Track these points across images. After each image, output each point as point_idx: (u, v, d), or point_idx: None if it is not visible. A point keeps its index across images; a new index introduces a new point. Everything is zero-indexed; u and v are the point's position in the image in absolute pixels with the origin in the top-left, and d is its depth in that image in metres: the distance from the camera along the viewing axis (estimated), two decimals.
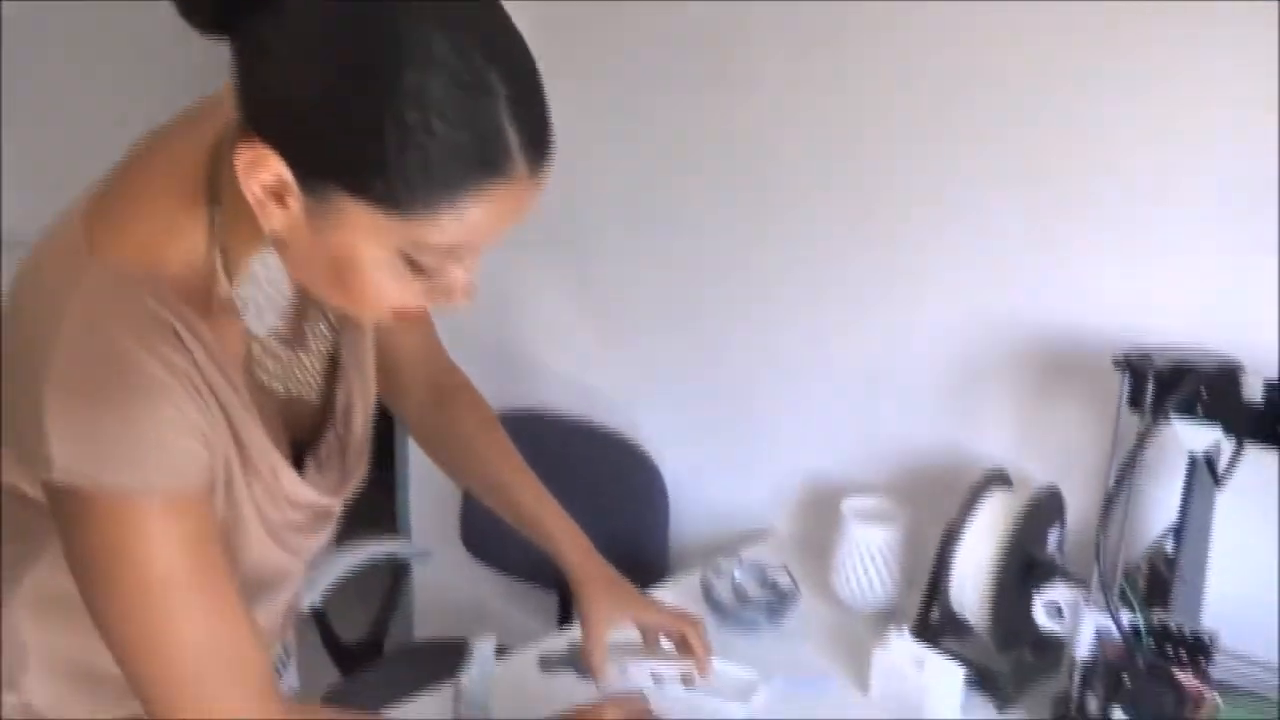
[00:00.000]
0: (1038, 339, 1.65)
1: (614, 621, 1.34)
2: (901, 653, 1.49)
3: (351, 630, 2.27)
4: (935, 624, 1.59)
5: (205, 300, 0.94)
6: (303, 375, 1.08)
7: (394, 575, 2.36)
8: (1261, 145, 1.38)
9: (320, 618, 2.19)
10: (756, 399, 2.05)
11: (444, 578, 2.65)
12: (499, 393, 2.47)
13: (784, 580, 1.74)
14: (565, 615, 2.24)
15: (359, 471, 1.15)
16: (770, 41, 1.89)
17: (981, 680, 1.53)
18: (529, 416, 2.36)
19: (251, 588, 1.10)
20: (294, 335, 1.07)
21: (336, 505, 1.13)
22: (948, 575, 1.53)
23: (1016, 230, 1.64)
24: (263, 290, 0.97)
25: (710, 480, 2.16)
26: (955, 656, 1.53)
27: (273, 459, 1.00)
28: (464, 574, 2.56)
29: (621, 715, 1.18)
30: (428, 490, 2.72)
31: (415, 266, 0.88)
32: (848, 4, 1.77)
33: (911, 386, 1.83)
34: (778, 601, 1.71)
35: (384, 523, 2.82)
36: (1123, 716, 1.31)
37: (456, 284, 0.92)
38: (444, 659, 1.56)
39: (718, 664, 1.57)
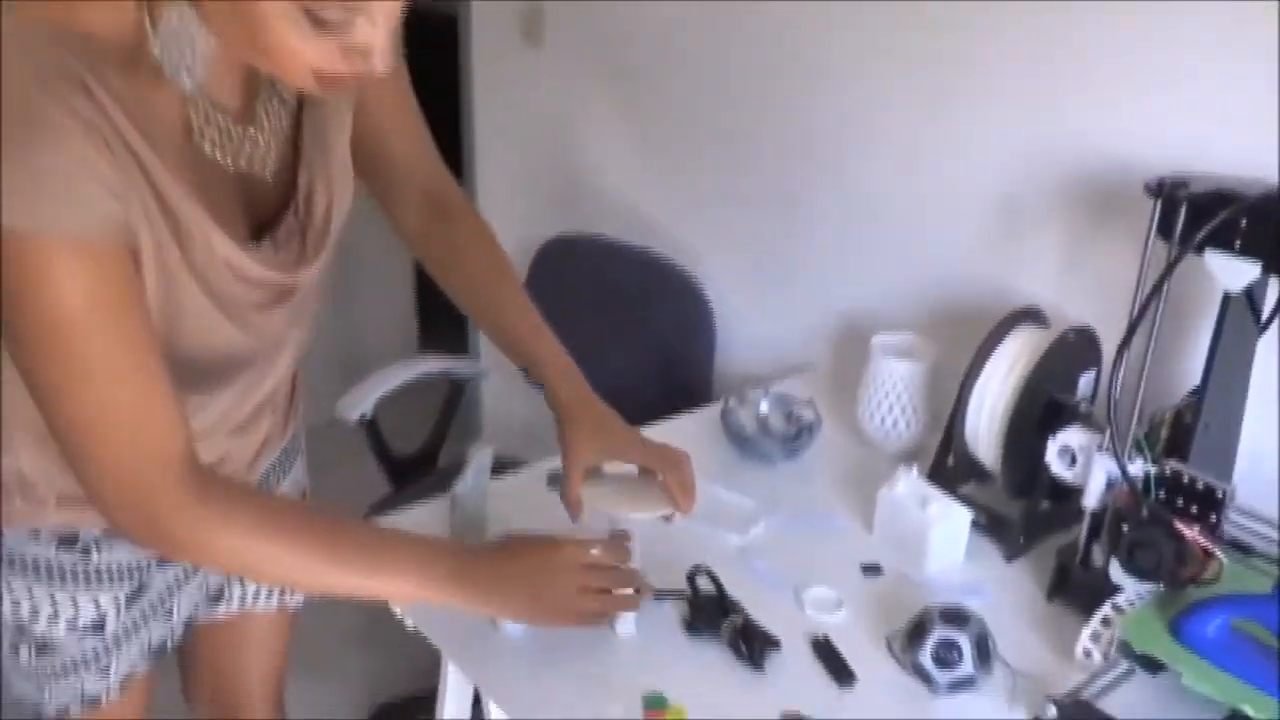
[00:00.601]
0: (1082, 174, 1.52)
1: (596, 456, 1.29)
2: (906, 491, 1.42)
3: (411, 446, 2.32)
4: (951, 467, 1.51)
5: (134, 62, 0.93)
6: (254, 151, 1.06)
7: (451, 392, 2.38)
8: None
9: (372, 428, 2.23)
10: (802, 236, 1.97)
11: (513, 400, 2.68)
12: (559, 218, 2.44)
13: (808, 415, 1.68)
14: None
15: (320, 255, 1.14)
16: None
17: (991, 528, 1.45)
18: (587, 241, 2.32)
19: (206, 368, 1.10)
20: (245, 110, 1.05)
21: (293, 283, 1.12)
22: (964, 414, 1.45)
23: (1062, 56, 1.51)
24: (180, 42, 0.94)
25: (756, 314, 2.09)
26: (967, 501, 1.46)
27: (206, 227, 0.99)
28: (533, 397, 2.57)
29: (585, 552, 1.18)
30: None
31: (318, 21, 0.87)
32: None
33: (953, 224, 1.72)
34: (798, 435, 1.65)
35: (455, 344, 2.86)
36: (1118, 566, 1.23)
37: (371, 45, 0.90)
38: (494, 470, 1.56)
39: (723, 493, 1.54)
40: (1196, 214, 1.17)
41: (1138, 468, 1.25)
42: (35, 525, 1.18)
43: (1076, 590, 1.32)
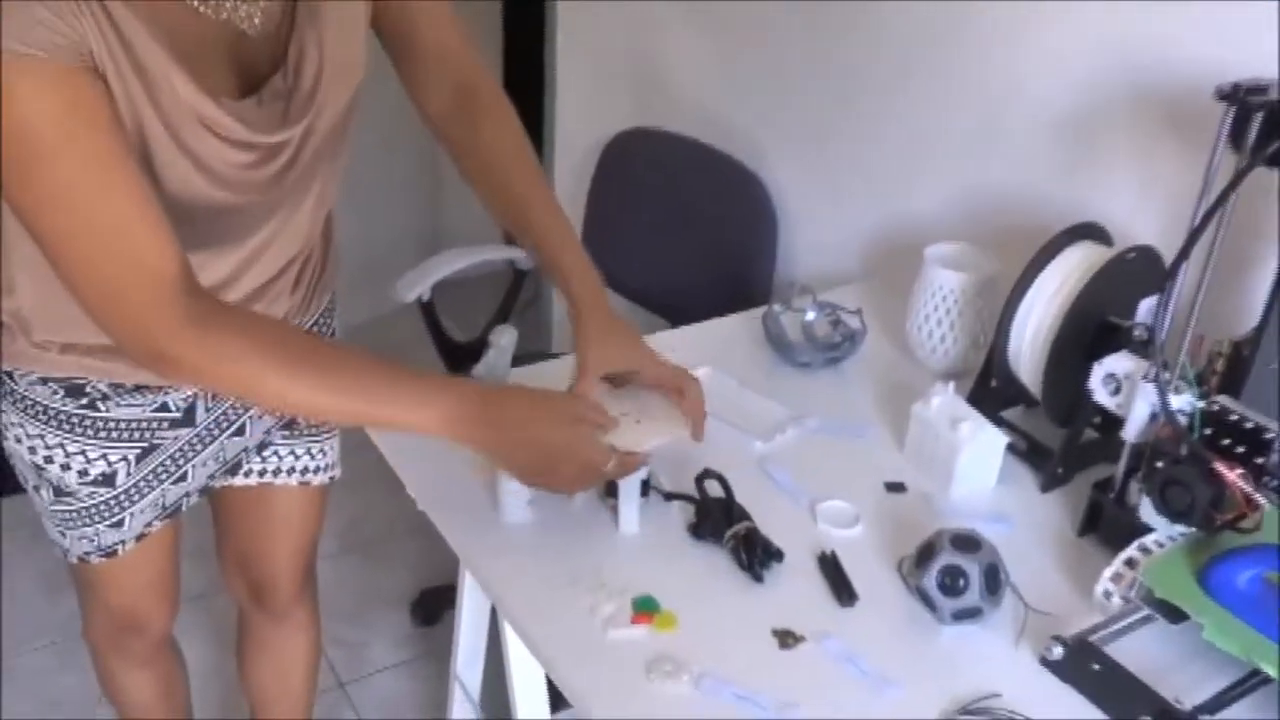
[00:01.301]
0: (1155, 84, 1.40)
1: (608, 366, 1.25)
2: (940, 409, 1.35)
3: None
4: (993, 388, 1.43)
5: None
6: (239, 4, 1.02)
7: (514, 281, 2.36)
8: None
9: (429, 311, 2.23)
10: (868, 143, 1.88)
11: None
12: (632, 114, 2.37)
13: (854, 324, 1.61)
14: None
15: (303, 119, 1.11)
16: None
17: (1030, 456, 1.38)
18: (656, 135, 2.25)
19: (196, 223, 1.08)
20: None
21: (273, 144, 1.10)
22: (1008, 332, 1.36)
23: None
24: None
25: (818, 220, 2.01)
26: (1007, 427, 1.39)
27: (170, 71, 0.98)
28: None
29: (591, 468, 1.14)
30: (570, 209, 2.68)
31: None
32: None
33: (1020, 135, 1.62)
34: (840, 344, 1.58)
35: None
36: (1149, 505, 1.15)
37: None
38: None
39: (752, 396, 1.49)
40: (1273, 124, 1.06)
41: (1184, 401, 1.16)
42: (42, 373, 1.19)
43: (1108, 528, 1.25)
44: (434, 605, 2.33)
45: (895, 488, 1.34)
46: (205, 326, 1.00)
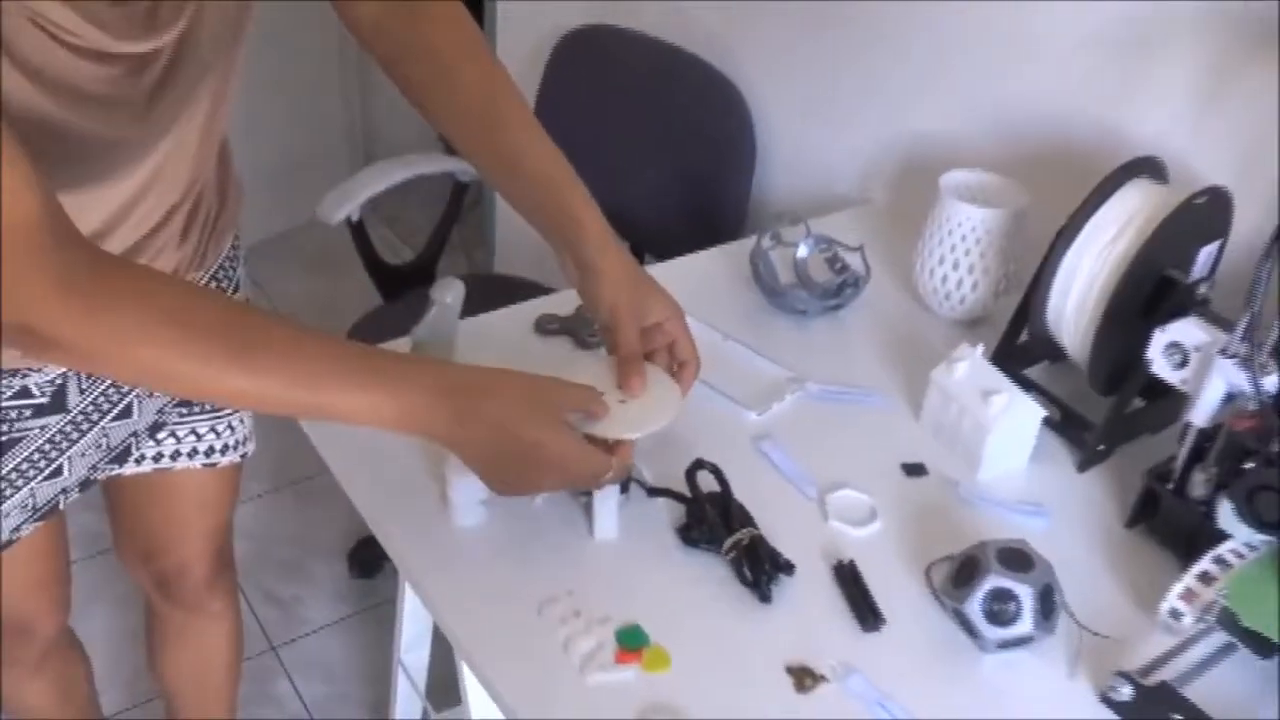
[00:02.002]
0: None
1: (647, 318, 1.03)
2: (967, 377, 1.16)
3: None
4: (1022, 345, 1.24)
5: None
6: None
7: (454, 195, 2.11)
8: None
9: (360, 233, 1.98)
10: (871, 45, 1.62)
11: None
12: (586, 6, 2.09)
13: (856, 263, 1.40)
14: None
15: (178, 21, 0.86)
16: None
17: (1065, 427, 1.19)
18: (615, 33, 1.98)
19: (41, 162, 0.82)
20: None
21: (136, 53, 0.85)
22: (1049, 284, 1.16)
23: None
24: None
25: (804, 135, 1.77)
26: (1038, 392, 1.20)
27: None
28: None
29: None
30: None
31: None
32: None
33: (1059, 48, 1.39)
34: (840, 290, 1.37)
35: None
36: (1231, 511, 0.97)
37: None
38: (499, 293, 1.38)
39: (743, 353, 1.29)
40: None
41: (1272, 383, 0.97)
42: None
43: (1165, 522, 1.07)
44: (373, 556, 2.12)
45: (914, 470, 1.15)
46: (87, 292, 0.76)
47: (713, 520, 1.03)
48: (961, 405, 1.14)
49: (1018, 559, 0.94)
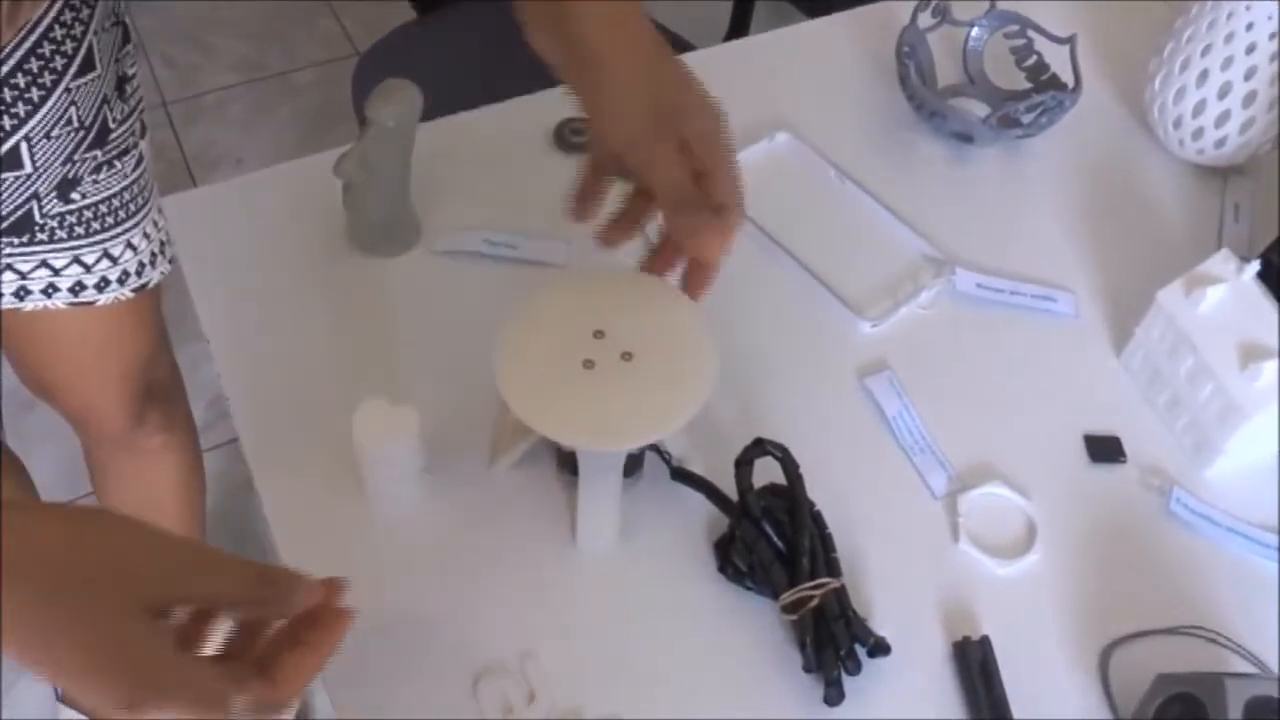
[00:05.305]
0: None
1: (647, 114, 0.58)
2: (1222, 311, 0.71)
3: None
4: None
5: None
6: None
7: None
8: None
9: None
10: None
11: None
12: None
13: (1061, 64, 0.91)
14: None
15: None
16: None
17: None
18: None
19: None
20: None
21: None
22: None
23: None
24: None
25: None
26: None
27: None
28: None
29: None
30: None
31: None
32: None
33: None
34: (1041, 110, 0.88)
35: None
36: None
37: None
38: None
39: (866, 210, 0.85)
40: None
41: None
42: None
43: None
44: None
45: (1104, 448, 0.73)
46: None
47: (767, 560, 0.64)
48: (1202, 361, 0.71)
49: (1268, 709, 0.55)
